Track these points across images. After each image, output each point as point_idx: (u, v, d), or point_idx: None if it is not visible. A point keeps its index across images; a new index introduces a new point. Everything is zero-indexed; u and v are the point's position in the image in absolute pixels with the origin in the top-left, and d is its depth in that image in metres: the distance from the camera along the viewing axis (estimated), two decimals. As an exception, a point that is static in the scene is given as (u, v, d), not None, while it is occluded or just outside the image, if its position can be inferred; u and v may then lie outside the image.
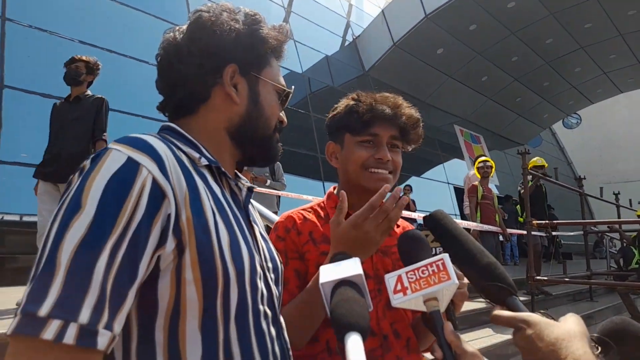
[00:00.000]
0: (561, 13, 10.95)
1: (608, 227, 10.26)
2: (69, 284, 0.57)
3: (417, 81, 12.38)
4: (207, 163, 0.80)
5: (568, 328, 0.65)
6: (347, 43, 12.61)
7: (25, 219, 5.17)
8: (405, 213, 6.98)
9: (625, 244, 8.44)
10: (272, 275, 0.87)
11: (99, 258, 0.59)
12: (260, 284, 0.80)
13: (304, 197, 4.41)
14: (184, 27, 0.88)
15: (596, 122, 21.95)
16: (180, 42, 0.85)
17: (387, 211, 0.97)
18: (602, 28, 11.71)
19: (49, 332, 0.54)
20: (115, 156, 0.66)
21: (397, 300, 0.71)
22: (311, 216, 1.22)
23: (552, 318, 0.64)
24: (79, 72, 3.62)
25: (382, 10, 11.91)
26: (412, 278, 0.71)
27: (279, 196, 4.98)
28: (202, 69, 0.84)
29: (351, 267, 0.70)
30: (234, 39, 0.85)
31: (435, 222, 0.85)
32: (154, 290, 0.67)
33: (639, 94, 17.44)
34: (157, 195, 0.66)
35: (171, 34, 0.88)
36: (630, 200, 11.54)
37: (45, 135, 3.52)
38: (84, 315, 0.56)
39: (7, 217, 5.09)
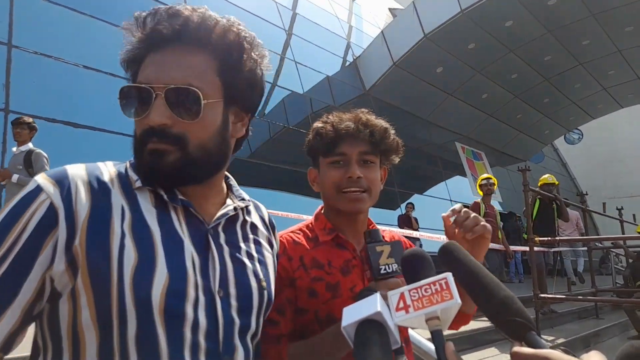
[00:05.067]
0: (559, 30, 11.04)
1: (612, 243, 10.21)
2: None
3: (418, 100, 12.46)
4: (140, 185, 0.78)
5: None
6: (347, 63, 12.75)
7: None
8: (407, 232, 6.98)
9: (631, 260, 8.37)
10: (235, 303, 0.81)
11: None
12: (195, 312, 0.74)
13: (303, 216, 4.42)
14: None
15: (599, 138, 21.97)
16: None
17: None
18: (600, 44, 11.78)
19: None
20: (30, 184, 0.71)
21: (400, 318, 0.69)
22: (300, 238, 1.19)
23: (573, 355, 0.61)
24: None
25: (382, 31, 12.07)
26: (414, 296, 0.69)
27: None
28: None
29: (371, 305, 0.70)
30: None
31: (448, 256, 0.81)
32: (56, 311, 0.69)
33: (640, 108, 17.48)
34: (50, 217, 0.68)
35: None
36: (634, 215, 11.47)
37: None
38: None
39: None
